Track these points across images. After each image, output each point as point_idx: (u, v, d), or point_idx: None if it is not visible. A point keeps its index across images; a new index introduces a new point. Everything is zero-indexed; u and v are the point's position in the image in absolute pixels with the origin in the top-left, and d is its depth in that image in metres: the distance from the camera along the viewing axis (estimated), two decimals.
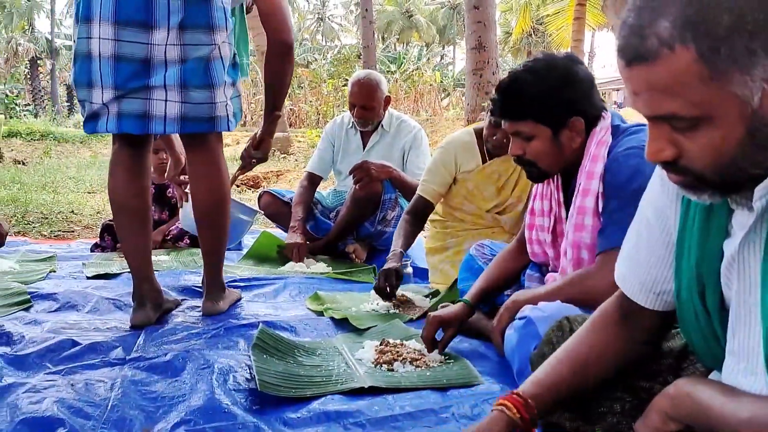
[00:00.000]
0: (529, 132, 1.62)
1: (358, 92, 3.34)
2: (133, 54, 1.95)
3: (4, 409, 1.41)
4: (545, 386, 1.07)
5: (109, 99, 1.97)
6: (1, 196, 5.92)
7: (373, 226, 3.25)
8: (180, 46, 1.97)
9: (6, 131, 14.66)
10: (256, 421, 1.36)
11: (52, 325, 2.06)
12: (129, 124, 2.00)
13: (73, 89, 2.09)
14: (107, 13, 1.92)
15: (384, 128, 3.44)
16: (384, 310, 2.29)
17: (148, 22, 1.94)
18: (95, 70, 1.97)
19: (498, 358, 1.72)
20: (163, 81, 1.97)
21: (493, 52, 7.21)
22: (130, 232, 2.15)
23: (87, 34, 1.96)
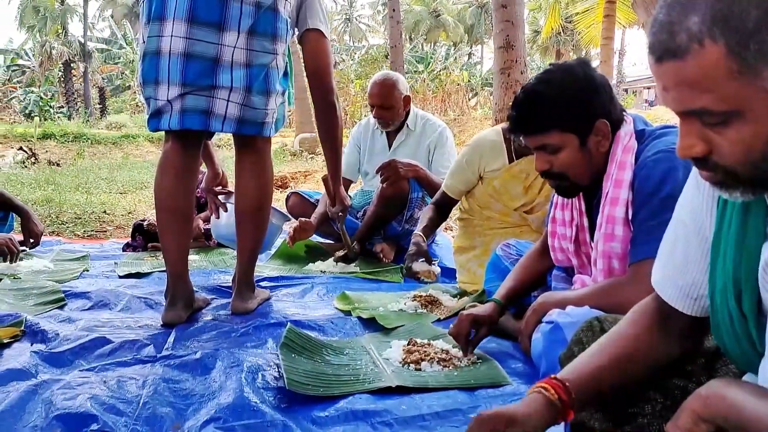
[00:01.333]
0: (555, 143, 1.58)
1: (376, 93, 3.38)
2: (204, 53, 2.02)
3: (39, 405, 1.44)
4: (585, 374, 1.05)
5: (175, 96, 2.03)
6: (37, 197, 6.04)
7: (401, 225, 3.25)
8: (247, 50, 2.05)
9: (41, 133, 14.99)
10: (285, 420, 1.37)
11: (85, 323, 2.10)
12: (191, 120, 2.07)
13: (140, 88, 2.13)
14: (182, 11, 2.00)
15: (409, 127, 3.45)
16: (411, 310, 2.28)
17: (221, 23, 2.01)
18: (163, 66, 2.02)
19: (526, 359, 1.71)
20: (230, 82, 2.05)
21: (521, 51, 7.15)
22: (172, 231, 2.18)
23: (158, 32, 2.02)
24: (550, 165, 1.61)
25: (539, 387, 1.02)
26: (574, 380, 1.03)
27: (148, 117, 2.13)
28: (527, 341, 1.59)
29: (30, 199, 5.83)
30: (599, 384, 1.05)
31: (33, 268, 3.01)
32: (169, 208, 2.15)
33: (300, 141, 12.99)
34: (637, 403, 1.09)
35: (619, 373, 1.06)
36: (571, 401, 1.01)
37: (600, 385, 1.05)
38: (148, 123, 2.15)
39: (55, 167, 9.83)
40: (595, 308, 1.42)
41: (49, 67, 27.90)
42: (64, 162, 10.71)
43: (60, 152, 12.62)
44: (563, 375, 1.05)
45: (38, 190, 6.73)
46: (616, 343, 1.08)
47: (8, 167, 9.38)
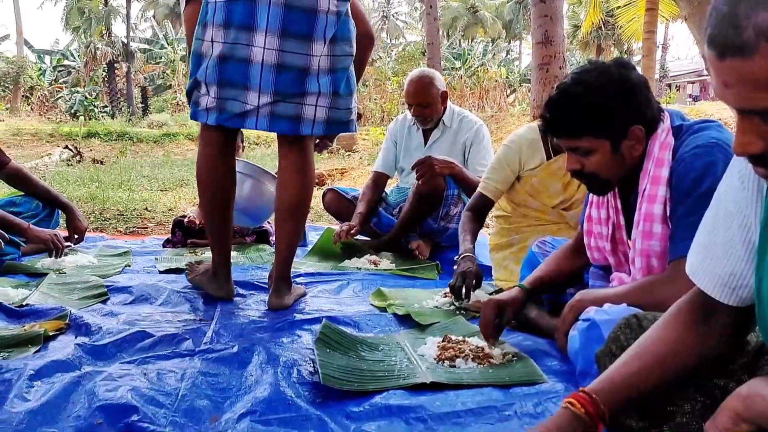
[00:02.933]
0: (587, 147, 1.56)
1: (413, 91, 3.36)
2: (295, 63, 2.12)
3: (82, 395, 1.48)
4: (617, 383, 1.04)
5: (265, 103, 2.13)
6: (81, 194, 6.19)
7: (436, 222, 3.25)
8: (330, 56, 2.17)
9: (85, 132, 15.36)
10: (320, 414, 1.38)
11: (126, 317, 2.15)
12: (282, 125, 2.18)
13: (209, 85, 2.17)
14: (275, 25, 2.09)
15: (445, 124, 3.43)
16: (447, 307, 2.28)
17: (311, 35, 2.12)
18: (254, 75, 2.11)
19: (562, 357, 1.69)
20: (317, 88, 2.16)
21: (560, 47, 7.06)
22: (223, 217, 2.35)
23: (248, 41, 2.10)
24: (581, 166, 1.59)
25: (567, 402, 1.02)
26: (605, 392, 1.02)
27: (227, 116, 2.17)
28: (563, 339, 1.57)
29: (75, 196, 5.98)
30: (634, 391, 1.04)
31: (77, 264, 3.09)
32: (220, 191, 2.31)
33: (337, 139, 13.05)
34: (675, 401, 1.07)
35: (657, 376, 1.04)
36: (600, 414, 1.00)
37: (635, 391, 1.04)
38: (228, 121, 2.19)
39: (99, 165, 10.06)
40: (634, 306, 1.40)
41: (94, 67, 28.56)
42: (107, 160, 10.95)
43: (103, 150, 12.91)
44: (593, 387, 1.04)
45: (83, 187, 6.89)
46: (650, 346, 1.07)
47: (55, 165, 9.63)
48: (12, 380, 1.56)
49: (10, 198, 3.53)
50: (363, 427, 1.34)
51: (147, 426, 1.33)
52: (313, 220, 5.08)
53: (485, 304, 1.76)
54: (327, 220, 4.54)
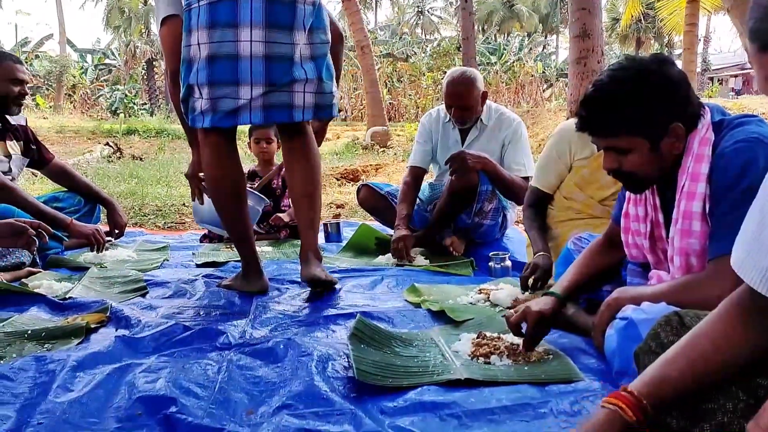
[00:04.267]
0: (624, 146, 1.52)
1: (454, 93, 3.25)
2: (282, 53, 2.21)
3: (123, 386, 1.52)
4: (662, 382, 1.02)
5: (258, 94, 2.19)
6: (121, 190, 6.32)
7: (470, 218, 3.22)
8: (310, 45, 2.27)
9: (125, 129, 15.66)
10: (353, 408, 1.39)
11: (165, 311, 2.19)
12: (277, 115, 2.26)
13: (201, 87, 2.20)
14: (258, 17, 2.15)
15: (483, 122, 3.35)
16: (482, 304, 2.27)
17: (292, 25, 2.21)
18: (245, 69, 2.17)
19: (599, 355, 1.67)
20: (304, 75, 2.26)
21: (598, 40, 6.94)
22: (240, 213, 2.40)
23: (234, 37, 2.15)
24: (618, 165, 1.56)
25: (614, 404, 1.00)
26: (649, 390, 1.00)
27: (218, 116, 2.21)
28: (600, 337, 1.55)
29: (115, 192, 6.11)
30: (679, 390, 1.02)
31: (118, 258, 3.16)
32: (236, 193, 2.38)
33: (371, 134, 13.07)
34: (717, 399, 1.04)
35: (703, 375, 1.02)
36: (646, 414, 0.99)
37: (680, 390, 1.02)
38: (220, 121, 2.22)
39: (138, 161, 10.24)
40: (673, 305, 1.37)
41: (133, 65, 29.08)
42: (146, 156, 11.14)
43: (143, 147, 13.14)
44: (637, 386, 1.01)
45: (122, 183, 7.03)
46: (696, 344, 1.04)
47: (96, 161, 9.84)
48: (56, 371, 1.61)
49: (53, 193, 3.62)
50: (397, 423, 1.34)
51: (185, 417, 1.35)
52: (347, 215, 5.10)
53: (516, 311, 1.74)
54: (361, 215, 4.55)
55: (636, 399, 0.99)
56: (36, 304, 2.27)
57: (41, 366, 1.64)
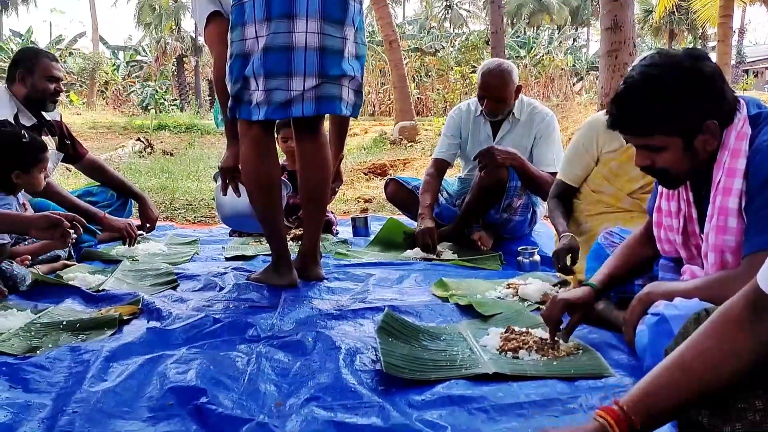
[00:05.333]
0: (657, 144, 1.48)
1: (490, 84, 3.18)
2: (334, 46, 2.25)
3: (154, 377, 1.54)
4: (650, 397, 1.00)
5: (311, 86, 2.21)
6: (152, 185, 6.41)
7: (498, 214, 3.20)
8: (355, 43, 2.33)
9: (156, 124, 15.87)
10: (381, 402, 1.39)
11: (195, 303, 2.22)
12: (326, 107, 2.29)
13: (257, 79, 2.22)
14: (314, 10, 2.18)
15: (515, 116, 3.29)
16: (510, 298, 2.26)
17: (344, 20, 2.26)
18: (298, 60, 2.19)
19: (630, 351, 1.65)
20: (352, 71, 2.32)
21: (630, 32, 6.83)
22: (274, 205, 2.43)
23: (288, 28, 2.17)
24: (651, 162, 1.52)
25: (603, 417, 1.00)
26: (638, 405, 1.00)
27: (269, 109, 2.23)
28: (632, 332, 1.53)
29: (146, 186, 6.20)
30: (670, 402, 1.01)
31: (149, 251, 3.21)
32: (272, 187, 2.40)
33: (399, 129, 13.05)
34: (747, 398, 1.02)
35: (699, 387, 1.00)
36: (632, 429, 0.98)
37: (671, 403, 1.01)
38: (272, 113, 2.24)
39: (169, 156, 10.38)
40: (705, 301, 1.34)
41: (164, 62, 29.40)
42: (176, 151, 11.28)
43: (173, 142, 13.30)
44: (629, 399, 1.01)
45: (153, 178, 7.13)
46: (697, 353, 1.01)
47: (128, 156, 9.99)
48: (90, 361, 1.64)
49: (87, 188, 3.69)
50: (425, 416, 1.34)
51: (215, 408, 1.37)
52: (375, 210, 5.11)
53: (553, 301, 1.72)
54: (389, 210, 4.56)
55: (624, 415, 0.99)
56: (71, 296, 2.32)
57: (76, 356, 1.68)
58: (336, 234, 3.82)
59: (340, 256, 3.09)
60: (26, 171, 2.56)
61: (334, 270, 2.76)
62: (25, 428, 1.31)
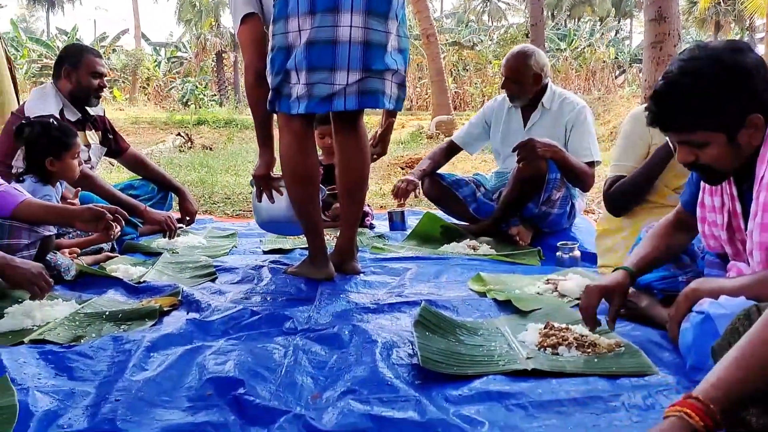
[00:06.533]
0: (699, 140, 1.45)
1: (506, 64, 3.32)
2: (378, 40, 2.24)
3: (193, 368, 1.56)
4: (730, 385, 0.97)
5: (354, 80, 2.21)
6: (192, 179, 6.51)
7: (537, 207, 3.15)
8: (397, 36, 2.32)
9: (196, 120, 16.11)
10: (418, 396, 1.38)
11: (233, 296, 2.24)
12: (369, 101, 2.29)
13: (299, 72, 2.22)
14: (359, 3, 2.18)
15: (544, 106, 3.30)
16: (549, 294, 2.22)
17: (388, 14, 2.25)
18: (342, 54, 2.19)
19: (674, 348, 1.60)
20: (395, 65, 2.31)
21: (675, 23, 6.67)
22: (313, 200, 2.43)
23: (333, 22, 2.17)
24: (695, 158, 1.49)
25: (679, 410, 0.95)
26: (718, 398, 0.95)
27: (311, 101, 2.23)
28: (676, 329, 1.49)
29: (186, 180, 6.29)
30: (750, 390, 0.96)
31: (189, 244, 3.25)
32: (311, 181, 2.40)
33: (436, 124, 13.00)
34: None
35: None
36: (717, 424, 0.94)
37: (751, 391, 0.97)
38: (315, 107, 2.25)
39: (208, 151, 10.52)
40: (752, 300, 1.29)
41: (204, 57, 29.80)
42: (215, 146, 11.42)
43: (212, 137, 13.47)
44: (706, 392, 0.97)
45: (193, 172, 7.24)
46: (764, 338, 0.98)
47: (168, 151, 10.16)
48: (131, 351, 1.67)
49: (129, 181, 3.77)
50: (462, 411, 1.32)
51: (252, 399, 1.38)
52: (412, 204, 5.09)
53: (588, 289, 1.69)
54: (426, 204, 4.54)
55: (703, 404, 0.95)
56: (113, 287, 2.37)
57: (118, 346, 1.71)
58: (373, 228, 3.82)
59: (377, 250, 3.09)
60: (59, 157, 2.63)
61: (370, 264, 2.75)
62: (70, 415, 1.34)
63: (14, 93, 5.18)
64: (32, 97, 3.30)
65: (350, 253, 2.54)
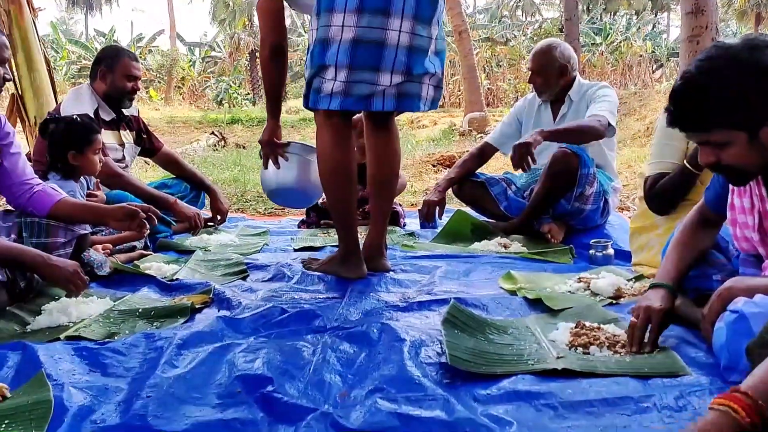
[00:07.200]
0: (720, 140, 1.42)
1: (531, 57, 3.34)
2: (422, 46, 2.28)
3: (223, 365, 1.57)
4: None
5: (396, 83, 2.24)
6: (225, 177, 6.58)
7: (570, 204, 3.10)
8: (434, 39, 2.33)
9: (229, 119, 16.29)
10: (446, 395, 1.37)
11: (264, 294, 2.26)
12: (406, 104, 2.34)
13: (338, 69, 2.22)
14: (410, 9, 2.21)
15: (572, 99, 3.29)
16: (581, 293, 2.19)
17: (431, 19, 2.28)
18: (388, 56, 2.22)
19: (708, 349, 1.57)
20: (434, 68, 2.35)
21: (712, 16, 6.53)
22: (349, 196, 2.43)
23: (382, 24, 2.19)
24: (716, 158, 1.46)
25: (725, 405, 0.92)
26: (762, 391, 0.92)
27: (348, 99, 2.24)
28: (710, 328, 1.45)
29: (219, 179, 6.36)
30: None
31: (221, 242, 3.29)
32: (349, 178, 2.40)
33: (469, 121, 12.93)
34: None
35: None
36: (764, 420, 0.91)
37: None
38: (352, 104, 2.26)
39: (242, 149, 10.63)
40: None
41: (237, 57, 30.08)
42: (249, 145, 11.53)
43: (246, 136, 13.61)
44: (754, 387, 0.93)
45: (226, 170, 7.32)
46: None
47: (203, 150, 10.31)
48: (163, 348, 1.69)
49: (163, 180, 3.83)
50: (490, 411, 1.31)
51: (281, 397, 1.38)
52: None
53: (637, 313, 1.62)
54: (457, 202, 4.51)
55: (751, 400, 0.92)
56: (147, 285, 2.40)
57: (150, 343, 1.74)
58: (403, 226, 3.82)
59: (407, 248, 3.08)
60: (81, 152, 2.71)
61: (400, 261, 2.75)
62: (103, 410, 1.37)
63: (53, 95, 5.32)
64: (68, 97, 3.37)
65: (379, 251, 2.54)
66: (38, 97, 5.23)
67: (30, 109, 5.25)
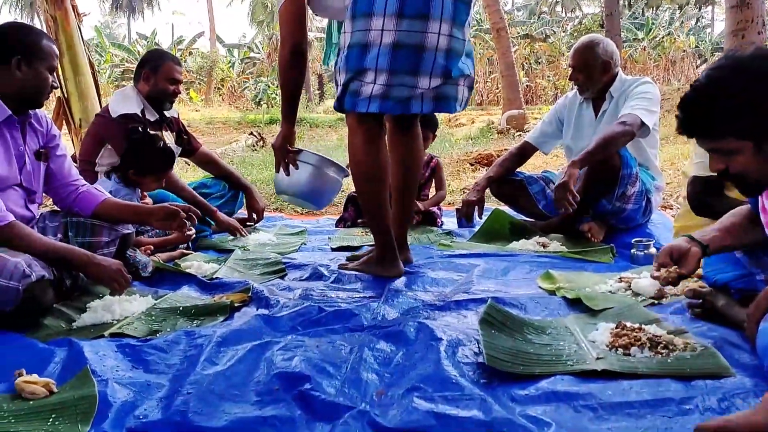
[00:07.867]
0: (727, 148, 1.42)
1: (573, 54, 3.29)
2: (458, 48, 2.32)
3: (262, 362, 1.59)
4: None
5: (435, 86, 2.29)
6: (263, 177, 6.64)
7: (611, 203, 3.05)
8: (464, 41, 2.36)
9: (268, 119, 16.45)
10: (483, 395, 1.36)
11: (302, 292, 2.28)
12: (443, 106, 2.38)
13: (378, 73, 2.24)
14: (448, 13, 2.25)
15: (612, 96, 3.22)
16: (622, 292, 2.15)
17: (465, 22, 2.33)
18: (428, 60, 2.25)
19: (752, 350, 1.52)
20: (468, 70, 2.39)
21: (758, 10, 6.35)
22: (383, 196, 2.44)
23: (422, 28, 2.22)
24: (724, 166, 1.45)
25: None
26: None
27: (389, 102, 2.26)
28: (755, 329, 1.42)
29: (258, 179, 6.43)
30: None
31: (259, 241, 3.33)
32: (383, 180, 2.42)
33: (507, 118, 12.81)
34: None
35: None
36: None
37: None
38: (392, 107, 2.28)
39: None
40: None
41: (275, 57, 30.29)
42: None
43: None
44: None
45: (265, 170, 7.38)
46: None
47: (241, 150, 10.42)
48: (203, 345, 1.72)
49: (202, 180, 3.89)
50: (528, 411, 1.30)
51: (318, 395, 1.40)
52: None
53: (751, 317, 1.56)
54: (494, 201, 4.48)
55: None
56: (187, 283, 2.44)
57: (191, 340, 1.77)
58: (440, 225, 3.80)
59: (444, 247, 3.07)
60: (142, 175, 2.78)
61: (437, 260, 2.74)
62: (145, 406, 1.40)
63: (97, 98, 5.45)
64: (115, 98, 3.44)
65: (402, 244, 2.61)
66: (83, 100, 5.37)
67: (75, 111, 5.40)
